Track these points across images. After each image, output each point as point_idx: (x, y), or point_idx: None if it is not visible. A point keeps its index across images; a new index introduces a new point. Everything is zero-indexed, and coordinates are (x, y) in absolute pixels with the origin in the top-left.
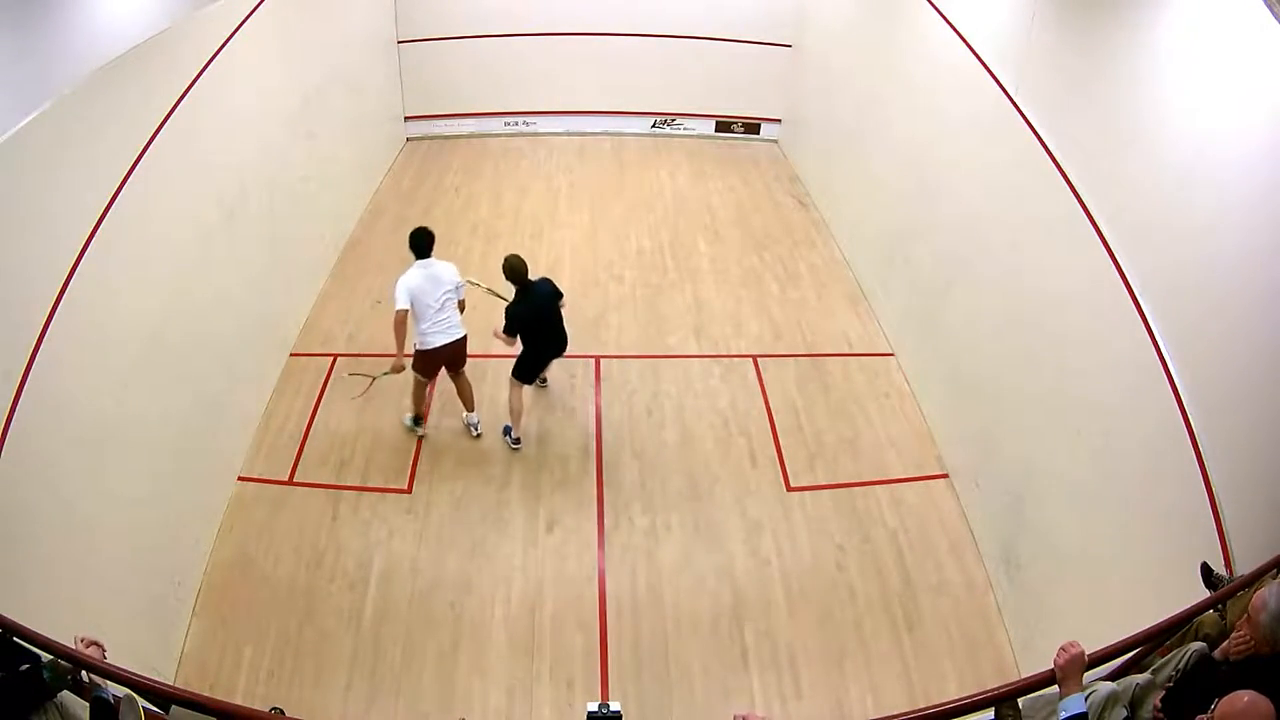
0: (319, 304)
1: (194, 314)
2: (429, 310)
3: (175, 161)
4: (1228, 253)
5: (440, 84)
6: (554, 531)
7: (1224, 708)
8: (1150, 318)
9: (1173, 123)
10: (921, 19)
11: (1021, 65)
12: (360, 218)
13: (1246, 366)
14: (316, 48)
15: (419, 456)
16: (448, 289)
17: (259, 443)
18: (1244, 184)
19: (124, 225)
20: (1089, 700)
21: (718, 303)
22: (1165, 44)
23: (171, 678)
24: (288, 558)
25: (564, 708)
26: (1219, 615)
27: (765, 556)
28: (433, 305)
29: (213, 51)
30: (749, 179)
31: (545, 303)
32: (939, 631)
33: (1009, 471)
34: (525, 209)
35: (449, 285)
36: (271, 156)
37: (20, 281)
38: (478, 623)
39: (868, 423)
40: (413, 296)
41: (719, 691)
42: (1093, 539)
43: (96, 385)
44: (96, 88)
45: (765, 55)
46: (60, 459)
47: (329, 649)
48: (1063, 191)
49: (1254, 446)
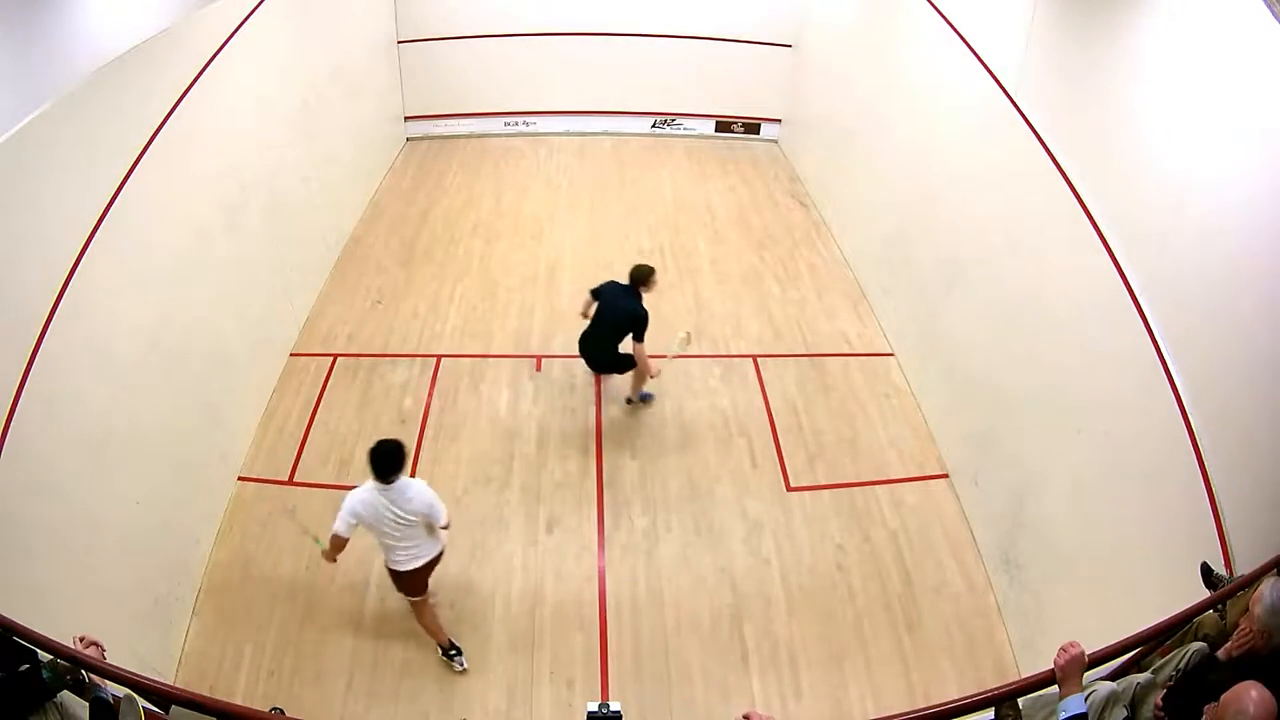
0: (319, 304)
1: (194, 314)
2: (385, 535)
3: (175, 161)
4: (1228, 253)
5: (440, 84)
6: (554, 531)
7: (1229, 698)
8: (1150, 318)
9: (1173, 123)
10: (922, 19)
11: (1021, 65)
12: (360, 218)
13: (1246, 367)
14: (316, 48)
15: (419, 457)
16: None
17: (259, 443)
18: (1244, 185)
19: (123, 225)
20: (1089, 700)
21: (718, 303)
22: (1165, 44)
23: (171, 678)
24: (288, 558)
25: (564, 708)
26: (1219, 615)
27: (765, 556)
28: (389, 531)
29: (212, 52)
30: (749, 179)
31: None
32: (939, 631)
33: (1009, 471)
34: (525, 209)
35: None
36: (271, 156)
37: (20, 282)
38: (478, 622)
39: (868, 423)
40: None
41: (719, 691)
42: (1093, 539)
43: (96, 385)
44: (96, 88)
45: (765, 55)
46: (60, 459)
47: (329, 649)
48: (1063, 192)
49: (1254, 446)
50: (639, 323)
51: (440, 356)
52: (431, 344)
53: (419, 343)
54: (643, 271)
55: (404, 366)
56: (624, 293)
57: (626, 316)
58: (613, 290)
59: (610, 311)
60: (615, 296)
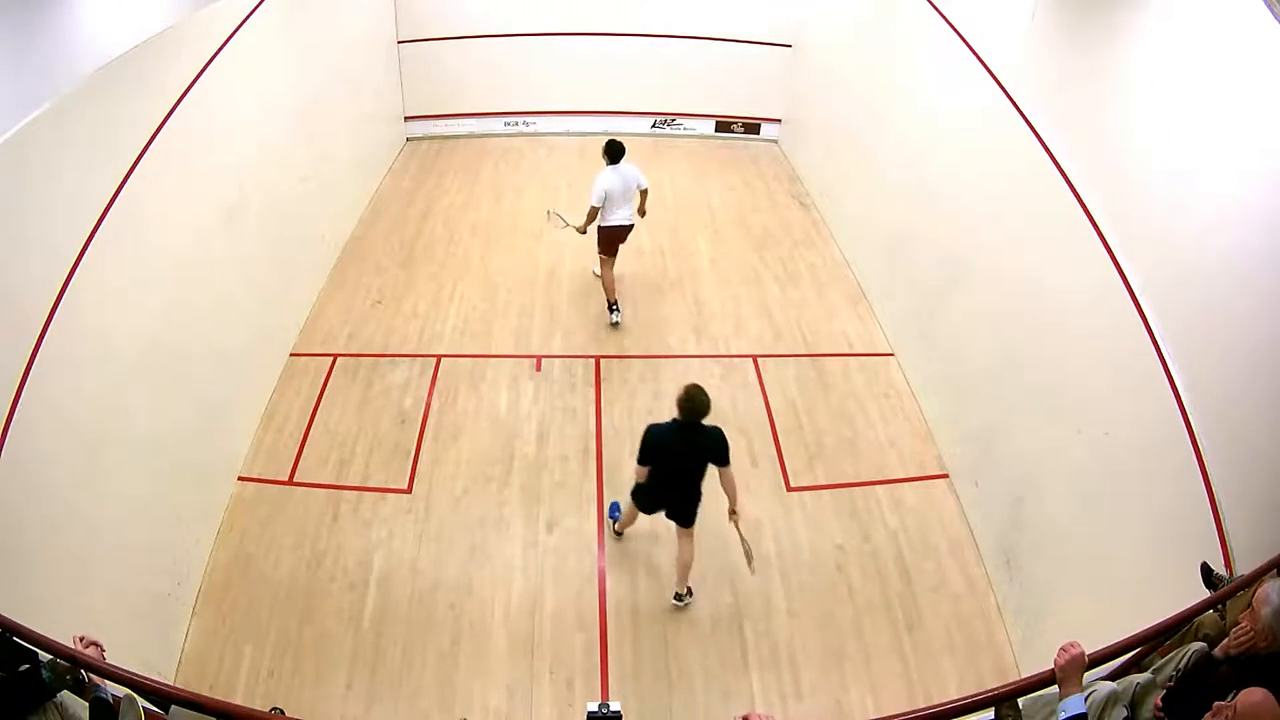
0: (319, 304)
1: (194, 314)
2: (616, 200)
3: (175, 162)
4: (1228, 253)
5: (440, 84)
6: (554, 532)
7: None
8: (1150, 317)
9: (1173, 123)
10: (922, 19)
11: (1021, 65)
12: (360, 218)
13: (1246, 366)
14: (316, 48)
15: (419, 456)
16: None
17: (259, 443)
18: (1244, 184)
19: (124, 226)
20: (1089, 700)
21: (718, 303)
22: (1165, 44)
23: (171, 678)
24: (288, 558)
25: (564, 708)
26: (1219, 615)
27: (765, 556)
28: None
29: (212, 52)
30: (749, 179)
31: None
32: (939, 631)
33: (1009, 471)
34: (525, 209)
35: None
36: (271, 157)
37: (20, 282)
38: (478, 623)
39: (868, 423)
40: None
41: (719, 691)
42: (1093, 539)
43: (96, 385)
44: (96, 88)
45: (765, 55)
46: (60, 459)
47: (329, 649)
48: (1063, 191)
49: (1254, 446)
50: (724, 445)
51: (440, 356)
52: (431, 344)
53: (419, 343)
54: (703, 400)
55: (404, 366)
56: (690, 431)
57: (715, 447)
58: (676, 434)
59: (691, 461)
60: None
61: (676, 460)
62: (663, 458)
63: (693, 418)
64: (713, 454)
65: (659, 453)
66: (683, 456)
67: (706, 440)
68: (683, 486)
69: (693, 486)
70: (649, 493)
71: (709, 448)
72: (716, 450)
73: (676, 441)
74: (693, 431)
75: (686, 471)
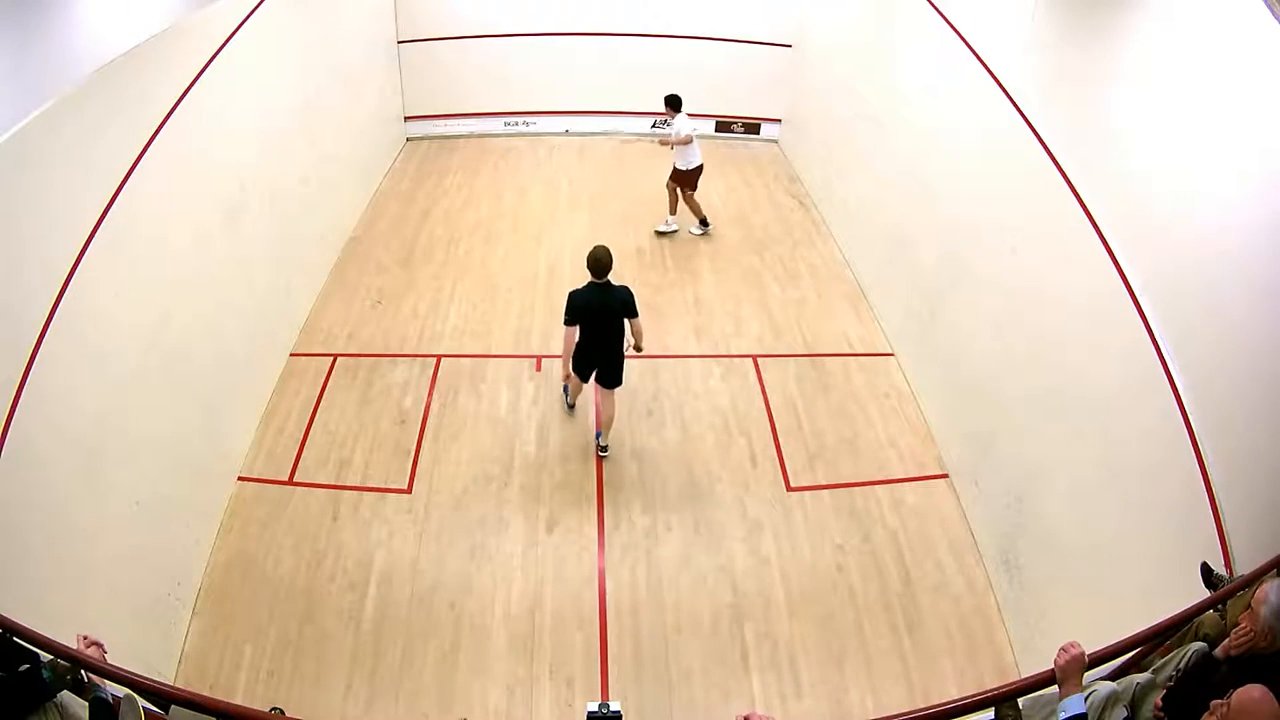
0: (319, 304)
1: (193, 314)
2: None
3: (175, 162)
4: (1228, 253)
5: (440, 84)
6: (554, 531)
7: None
8: (1150, 317)
9: (1173, 123)
10: (922, 19)
11: (1021, 65)
12: (360, 218)
13: (1246, 366)
14: (316, 48)
15: (419, 456)
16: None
17: (259, 443)
18: (1244, 184)
19: (123, 226)
20: (1089, 700)
21: (717, 303)
22: (1165, 43)
23: (171, 678)
24: (288, 558)
25: (564, 708)
26: (1219, 615)
27: (765, 556)
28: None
29: (212, 52)
30: (749, 179)
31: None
32: (939, 631)
33: (1009, 471)
34: (525, 209)
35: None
36: (271, 157)
37: (20, 282)
38: (478, 623)
39: (868, 423)
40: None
41: (719, 692)
42: (1093, 539)
43: (96, 385)
44: (96, 88)
45: (765, 55)
46: (60, 459)
47: (329, 649)
48: (1062, 191)
49: (1254, 446)
50: (632, 299)
51: (440, 356)
52: (431, 344)
53: (419, 343)
54: (607, 257)
55: (404, 366)
56: (604, 290)
57: (621, 305)
58: (594, 292)
59: (607, 316)
60: (602, 295)
61: (597, 316)
62: (586, 315)
63: (602, 274)
64: (625, 307)
65: (583, 311)
66: (601, 312)
67: (619, 295)
68: (608, 345)
69: (616, 345)
70: (582, 356)
71: (622, 299)
72: (627, 302)
73: (595, 298)
74: (606, 290)
75: (607, 327)
